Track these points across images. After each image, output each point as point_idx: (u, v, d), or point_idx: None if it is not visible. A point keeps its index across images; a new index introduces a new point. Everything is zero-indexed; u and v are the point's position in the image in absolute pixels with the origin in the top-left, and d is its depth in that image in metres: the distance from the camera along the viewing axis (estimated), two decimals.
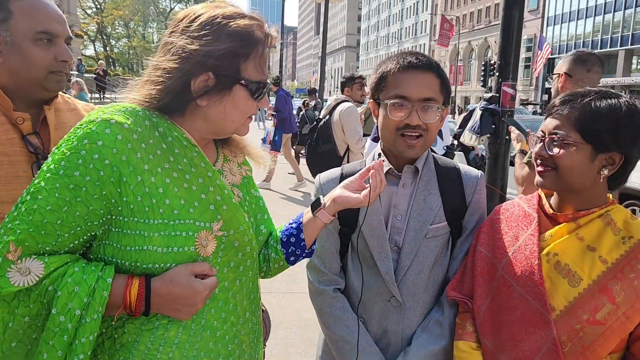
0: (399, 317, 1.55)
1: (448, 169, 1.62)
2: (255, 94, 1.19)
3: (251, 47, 1.15)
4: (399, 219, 1.56)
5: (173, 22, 1.19)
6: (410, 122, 1.47)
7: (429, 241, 1.54)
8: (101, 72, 24.10)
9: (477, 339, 1.48)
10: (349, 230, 1.59)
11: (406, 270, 1.53)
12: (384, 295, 1.54)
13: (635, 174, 5.60)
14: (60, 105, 1.65)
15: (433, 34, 72.15)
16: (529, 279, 1.36)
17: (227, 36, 1.12)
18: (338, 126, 5.03)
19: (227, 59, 1.12)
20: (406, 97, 1.47)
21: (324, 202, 1.33)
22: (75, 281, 1.04)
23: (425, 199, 1.55)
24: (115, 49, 56.78)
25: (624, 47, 43.98)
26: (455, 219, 1.57)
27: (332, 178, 1.65)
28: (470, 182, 1.61)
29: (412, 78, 1.48)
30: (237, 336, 1.25)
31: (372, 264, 1.55)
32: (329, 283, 1.62)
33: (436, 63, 1.54)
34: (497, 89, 6.53)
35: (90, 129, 1.05)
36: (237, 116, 1.19)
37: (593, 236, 1.34)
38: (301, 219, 1.37)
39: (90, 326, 1.04)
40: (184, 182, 1.14)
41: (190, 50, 1.10)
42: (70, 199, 1.03)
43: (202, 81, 1.13)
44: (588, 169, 1.33)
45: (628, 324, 1.27)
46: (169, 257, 1.09)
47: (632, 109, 1.30)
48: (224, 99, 1.15)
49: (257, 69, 1.18)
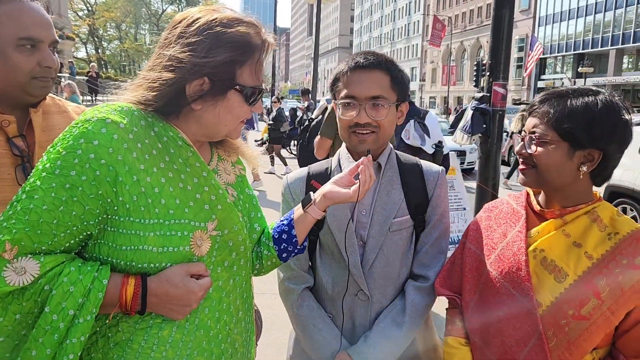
0: (366, 310, 1.59)
1: (410, 165, 1.67)
2: (250, 99, 1.20)
3: (248, 53, 1.16)
4: (363, 213, 1.59)
5: (170, 25, 1.19)
6: (358, 121, 1.52)
7: (392, 234, 1.57)
8: (94, 74, 24.00)
9: (465, 335, 1.50)
10: (316, 228, 1.61)
11: (372, 263, 1.57)
12: (352, 290, 1.58)
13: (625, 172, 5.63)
14: (50, 108, 1.65)
15: (425, 34, 72.36)
16: (515, 275, 1.38)
17: (225, 44, 1.12)
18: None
19: (223, 67, 1.13)
20: (355, 97, 1.52)
21: (314, 197, 1.35)
22: (71, 281, 1.04)
23: (389, 194, 1.59)
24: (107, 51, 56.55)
25: (614, 46, 44.30)
26: (418, 212, 1.61)
27: (298, 177, 1.69)
28: (432, 177, 1.65)
29: (359, 77, 1.52)
30: (230, 335, 1.26)
31: (340, 259, 1.58)
32: (298, 281, 1.65)
33: (387, 60, 1.56)
34: (488, 88, 6.58)
35: (87, 128, 1.05)
36: (231, 120, 1.20)
37: (579, 232, 1.36)
38: (292, 216, 1.39)
39: (82, 327, 1.05)
40: (179, 181, 1.14)
41: (186, 56, 1.11)
42: (66, 198, 1.04)
43: (197, 85, 1.13)
44: (566, 166, 1.35)
45: (613, 319, 1.28)
46: (164, 256, 1.10)
47: (608, 106, 1.32)
48: (218, 103, 1.16)
49: (253, 75, 1.19)
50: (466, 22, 67.94)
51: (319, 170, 1.67)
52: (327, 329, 1.59)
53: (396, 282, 1.61)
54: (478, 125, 6.47)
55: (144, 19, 60.81)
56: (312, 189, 1.45)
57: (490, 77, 6.59)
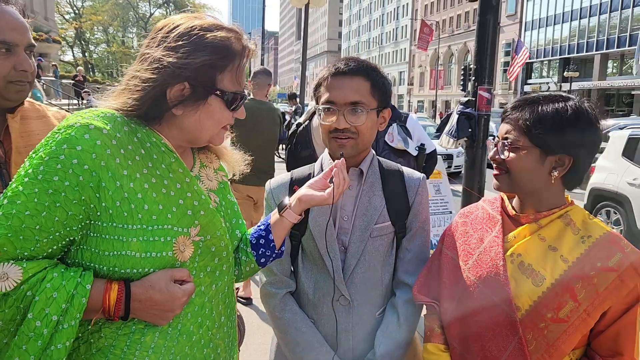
0: (348, 315, 1.59)
1: (392, 172, 1.68)
2: (231, 105, 1.20)
3: (228, 59, 1.17)
4: (345, 219, 1.60)
5: (152, 32, 1.20)
6: (337, 126, 1.52)
7: (373, 240, 1.58)
8: (80, 78, 23.83)
9: (445, 341, 1.51)
10: (299, 233, 1.63)
11: (353, 269, 1.57)
12: (333, 295, 1.58)
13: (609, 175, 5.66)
14: (29, 113, 1.64)
15: (414, 38, 72.79)
16: (494, 280, 1.39)
17: (204, 48, 1.13)
18: (318, 133, 5.02)
19: (203, 71, 1.14)
20: (334, 102, 1.53)
21: (289, 202, 1.36)
22: (54, 287, 1.04)
23: (370, 200, 1.60)
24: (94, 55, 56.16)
25: (599, 51, 44.86)
26: (398, 219, 1.62)
27: (281, 183, 1.69)
28: (413, 184, 1.66)
29: (339, 83, 1.53)
30: (213, 340, 1.27)
31: (322, 264, 1.59)
32: (280, 286, 1.65)
33: (367, 67, 1.57)
34: (473, 93, 6.64)
35: (69, 134, 1.05)
36: (212, 126, 1.21)
37: (554, 236, 1.38)
38: (269, 220, 1.39)
39: (66, 332, 1.04)
40: (162, 187, 1.15)
41: (167, 62, 1.11)
42: (49, 204, 1.04)
43: (177, 90, 1.14)
44: (538, 171, 1.37)
45: (589, 320, 1.30)
46: (147, 262, 1.10)
47: (578, 112, 1.34)
48: (199, 108, 1.17)
49: (233, 80, 1.19)
50: (453, 26, 68.46)
51: (302, 176, 1.68)
52: (310, 332, 1.59)
53: (377, 287, 1.61)
54: (464, 130, 6.52)
55: (132, 23, 60.52)
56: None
57: (475, 82, 6.68)
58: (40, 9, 31.90)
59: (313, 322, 1.62)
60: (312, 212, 1.58)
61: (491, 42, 6.54)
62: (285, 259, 1.66)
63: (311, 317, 1.63)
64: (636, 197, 6.85)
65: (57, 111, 1.79)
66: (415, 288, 1.58)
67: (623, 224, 7.14)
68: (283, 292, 1.65)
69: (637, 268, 1.30)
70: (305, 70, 17.57)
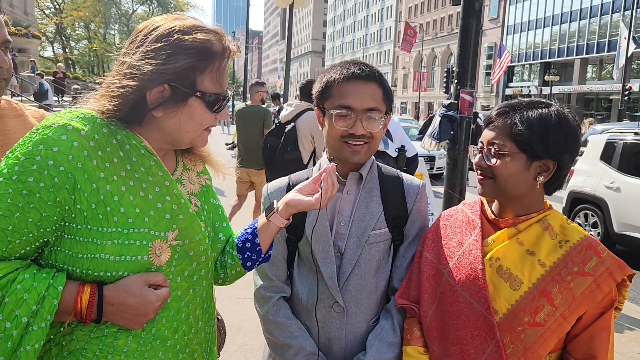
0: (341, 323, 1.57)
1: (391, 178, 1.66)
2: (213, 107, 1.19)
3: (208, 60, 1.15)
4: (342, 224, 1.58)
5: (133, 33, 1.19)
6: (355, 132, 1.50)
7: (370, 247, 1.56)
8: (61, 74, 23.45)
9: (424, 344, 1.52)
10: (295, 238, 1.60)
11: (348, 275, 1.55)
12: (327, 302, 1.56)
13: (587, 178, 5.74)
14: (5, 112, 1.61)
15: (397, 40, 73.16)
16: (473, 284, 1.40)
17: (183, 50, 1.12)
18: (306, 135, 4.97)
19: (183, 73, 1.12)
20: (351, 108, 1.49)
21: (276, 206, 1.35)
22: (25, 288, 1.03)
23: (368, 205, 1.58)
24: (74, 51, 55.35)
25: (579, 56, 45.62)
26: (396, 225, 1.60)
27: (279, 187, 1.67)
28: (412, 190, 1.65)
29: (355, 88, 1.51)
30: (189, 345, 1.25)
31: (317, 270, 1.57)
32: (275, 290, 1.63)
33: (378, 73, 1.56)
34: (455, 95, 6.70)
35: (47, 134, 1.04)
36: (192, 128, 1.19)
37: (532, 241, 1.39)
38: (256, 224, 1.38)
39: (36, 334, 1.03)
40: (140, 190, 1.14)
41: (145, 64, 1.10)
42: (23, 204, 1.02)
43: (157, 92, 1.13)
44: (524, 176, 1.39)
45: (565, 324, 1.32)
46: (121, 265, 1.09)
47: (561, 117, 1.37)
48: (179, 110, 1.15)
49: (214, 81, 1.18)
50: (437, 29, 68.99)
51: (299, 180, 1.63)
52: (304, 336, 1.57)
53: (372, 295, 1.58)
54: (446, 132, 6.58)
55: (114, 19, 59.79)
56: None
57: (457, 85, 6.74)
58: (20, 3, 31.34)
59: (307, 328, 1.60)
60: (308, 217, 1.56)
61: (474, 45, 6.60)
62: (282, 264, 1.64)
63: (304, 323, 1.59)
64: (613, 200, 6.99)
65: (35, 110, 1.76)
66: (398, 293, 1.58)
67: (600, 227, 7.27)
68: (277, 296, 1.62)
69: (612, 273, 1.32)
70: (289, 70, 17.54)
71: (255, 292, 1.67)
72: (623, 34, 26.30)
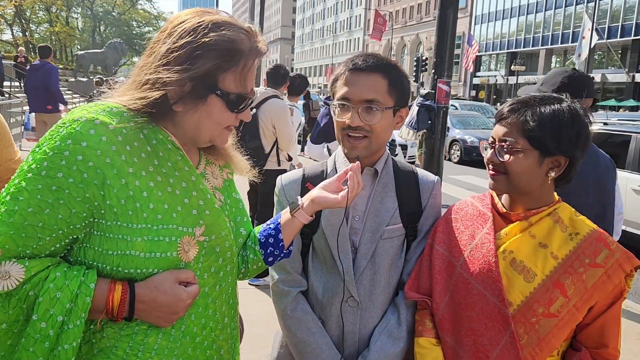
0: (355, 317, 1.57)
1: (406, 173, 1.66)
2: (234, 107, 1.15)
3: (233, 60, 1.11)
4: (357, 219, 1.58)
5: (166, 24, 1.16)
6: (350, 124, 1.49)
7: (384, 242, 1.57)
8: (22, 59, 22.61)
9: (436, 335, 1.54)
10: (310, 232, 1.60)
11: (362, 270, 1.56)
12: (342, 296, 1.56)
13: None
14: None
15: (367, 28, 73.20)
16: (487, 276, 1.42)
17: (208, 49, 1.08)
18: (267, 125, 4.70)
19: (204, 71, 1.09)
20: (349, 99, 1.49)
21: (301, 202, 1.34)
22: (57, 286, 1.01)
23: (382, 201, 1.58)
24: (35, 35, 53.40)
25: (544, 46, 46.65)
26: (410, 221, 1.61)
27: (293, 179, 1.66)
28: (427, 186, 1.65)
29: (355, 80, 1.50)
30: (216, 342, 1.25)
31: (332, 264, 1.57)
32: (293, 284, 1.63)
33: (386, 64, 1.52)
34: (432, 85, 6.76)
35: (74, 128, 1.01)
36: (211, 126, 1.16)
37: (544, 233, 1.42)
38: (279, 220, 1.37)
39: (73, 332, 1.01)
40: (168, 185, 1.12)
41: (169, 58, 1.07)
42: (52, 200, 1.00)
43: (178, 87, 1.09)
44: (536, 172, 1.41)
45: (578, 314, 1.36)
46: (151, 262, 1.07)
47: (574, 113, 1.39)
48: (199, 107, 1.12)
49: (237, 81, 1.14)
50: (406, 18, 69.33)
51: (315, 173, 1.64)
52: (320, 334, 1.57)
53: (385, 290, 1.59)
54: (423, 121, 6.66)
55: (77, 2, 57.86)
56: (308, 192, 1.42)
57: (434, 75, 6.80)
58: None
59: (321, 322, 1.60)
60: (324, 211, 1.55)
61: (451, 35, 6.67)
62: (297, 257, 1.63)
63: (319, 317, 1.61)
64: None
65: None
66: (407, 286, 1.60)
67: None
68: (296, 291, 1.62)
69: (621, 264, 1.36)
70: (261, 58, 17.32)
71: (272, 286, 1.66)
72: (587, 25, 26.99)
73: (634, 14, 37.41)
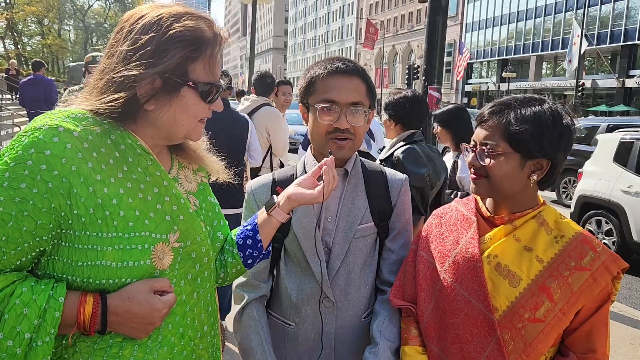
0: (332, 317, 1.58)
1: (375, 173, 1.68)
2: (207, 97, 1.13)
3: (200, 49, 1.10)
4: (329, 220, 1.58)
5: (119, 23, 1.12)
6: (339, 126, 1.50)
7: (357, 241, 1.58)
8: (14, 71, 22.51)
9: (422, 343, 1.50)
10: (282, 235, 1.59)
11: (337, 270, 1.56)
12: (317, 297, 1.56)
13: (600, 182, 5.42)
14: None
15: (359, 37, 73.60)
16: (471, 282, 1.39)
17: (174, 40, 1.06)
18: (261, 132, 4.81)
19: (173, 62, 1.06)
20: (335, 102, 1.50)
21: (277, 200, 1.32)
22: (24, 302, 0.96)
23: (353, 201, 1.60)
24: (27, 47, 53.27)
25: (535, 53, 46.96)
26: (381, 219, 1.62)
27: (263, 184, 1.65)
28: (396, 185, 1.67)
29: (339, 83, 1.51)
30: (195, 351, 1.21)
31: (306, 266, 1.57)
32: (249, 289, 1.63)
33: (362, 68, 1.57)
34: (423, 92, 6.77)
35: (37, 137, 0.97)
36: (187, 119, 1.13)
37: (529, 237, 1.40)
38: (256, 220, 1.34)
39: (42, 350, 0.97)
40: (139, 192, 1.08)
41: (134, 56, 1.04)
42: (16, 213, 0.96)
43: (147, 85, 1.06)
44: (518, 175, 1.38)
45: (564, 319, 1.33)
46: (123, 271, 1.03)
47: (555, 115, 1.36)
48: (173, 102, 1.09)
49: (207, 70, 1.12)
50: (398, 26, 69.70)
51: (284, 177, 1.64)
52: (257, 341, 1.56)
53: (360, 289, 1.60)
54: None
55: (69, 14, 57.84)
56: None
57: (425, 81, 6.81)
58: None
59: (294, 326, 1.60)
60: (295, 214, 1.55)
61: (440, 42, 6.70)
62: (263, 262, 1.61)
63: (293, 320, 1.60)
64: (631, 206, 6.28)
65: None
66: (392, 293, 1.57)
67: (616, 235, 6.56)
68: (252, 296, 1.62)
69: (608, 267, 1.34)
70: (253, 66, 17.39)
71: (233, 291, 1.68)
72: (576, 32, 27.20)
73: (622, 20, 37.77)
